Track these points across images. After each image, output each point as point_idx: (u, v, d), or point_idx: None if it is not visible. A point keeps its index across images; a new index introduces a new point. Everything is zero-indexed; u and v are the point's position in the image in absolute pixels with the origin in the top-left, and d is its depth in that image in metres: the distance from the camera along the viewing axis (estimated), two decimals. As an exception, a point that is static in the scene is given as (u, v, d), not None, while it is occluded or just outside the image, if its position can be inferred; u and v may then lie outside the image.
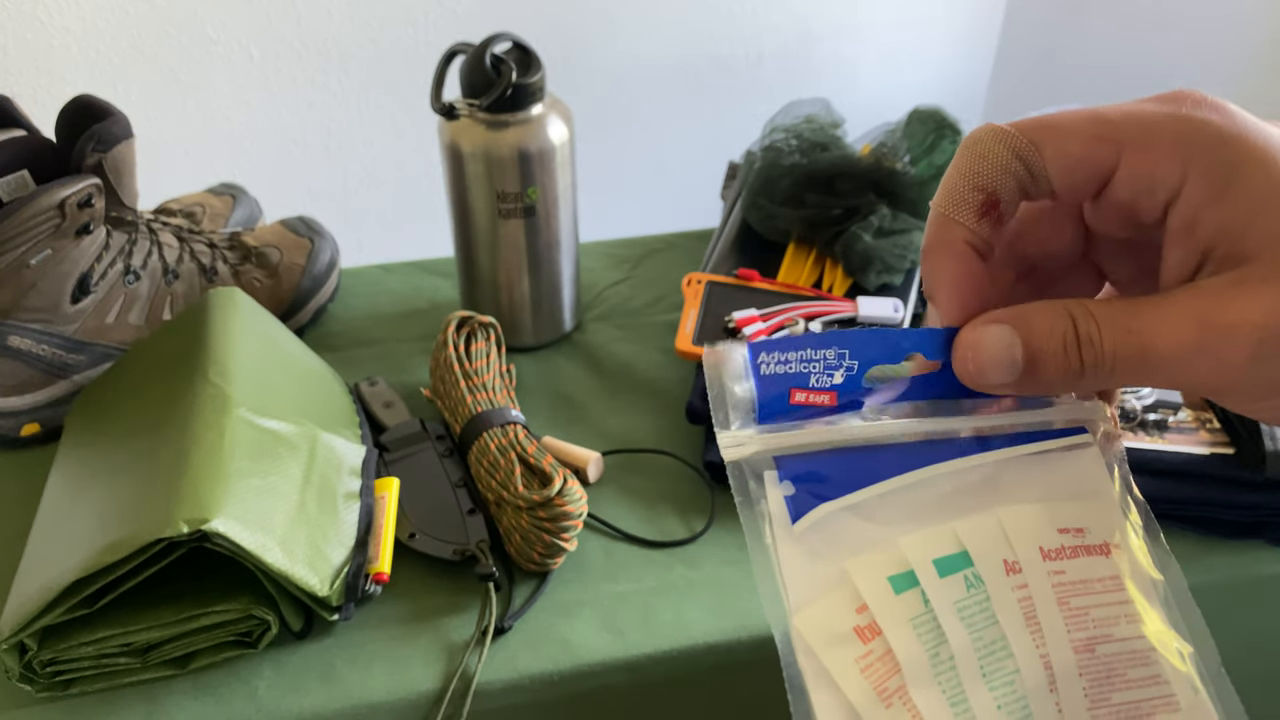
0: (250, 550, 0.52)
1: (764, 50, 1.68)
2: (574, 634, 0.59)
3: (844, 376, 0.29)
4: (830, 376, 0.29)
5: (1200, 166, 0.27)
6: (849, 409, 0.30)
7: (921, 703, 0.27)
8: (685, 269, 0.92)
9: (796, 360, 0.29)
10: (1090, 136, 0.28)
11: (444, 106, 0.74)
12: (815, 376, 0.29)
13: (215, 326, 0.65)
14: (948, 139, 0.86)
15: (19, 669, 0.53)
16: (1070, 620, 0.28)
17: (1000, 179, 0.29)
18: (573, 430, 0.75)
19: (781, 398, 0.29)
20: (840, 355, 0.29)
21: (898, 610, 0.28)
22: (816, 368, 0.29)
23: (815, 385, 0.29)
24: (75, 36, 1.33)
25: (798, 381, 0.29)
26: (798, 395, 0.29)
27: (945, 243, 0.29)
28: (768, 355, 0.29)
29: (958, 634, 0.28)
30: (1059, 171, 0.28)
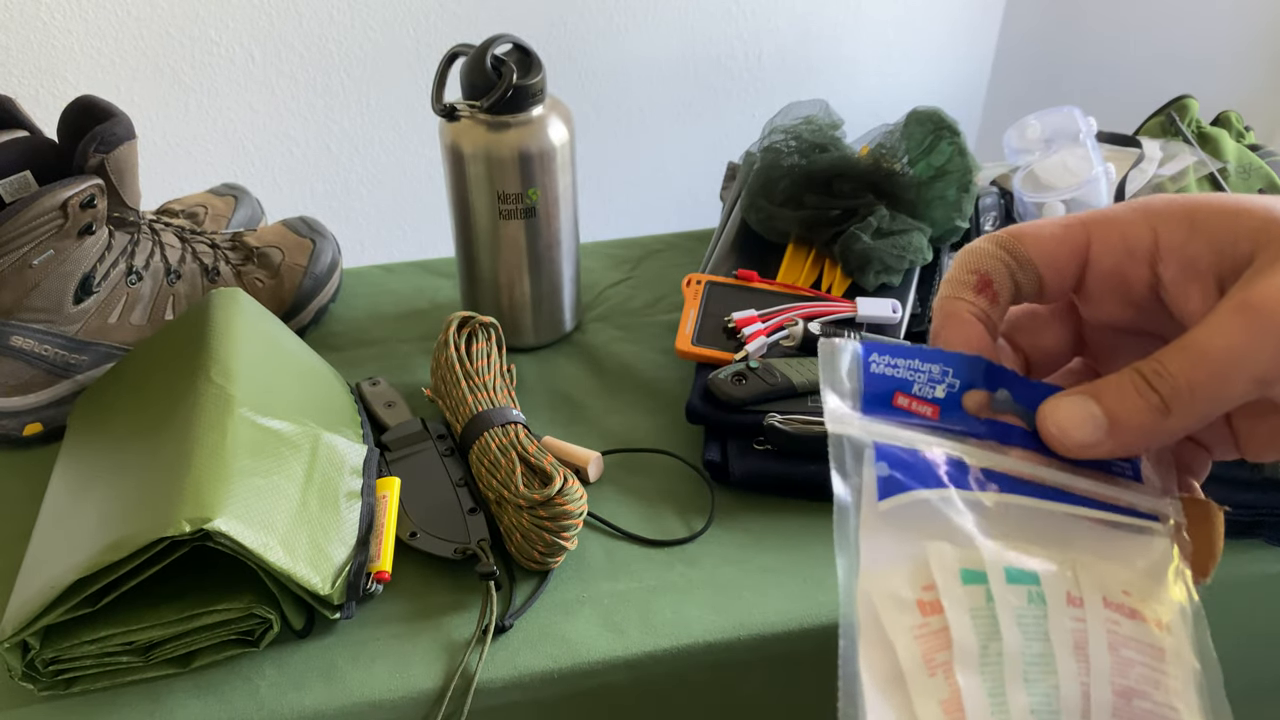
0: (252, 549, 0.53)
1: (763, 51, 1.69)
2: (574, 632, 0.59)
3: (945, 392, 0.31)
4: (933, 389, 0.31)
5: (1163, 219, 0.31)
6: (947, 430, 0.31)
7: (963, 683, 0.28)
8: (685, 269, 0.93)
9: (904, 367, 0.32)
10: (1060, 226, 0.33)
11: (445, 108, 0.75)
12: (919, 385, 0.31)
13: (217, 327, 0.65)
14: (946, 140, 0.86)
15: (21, 668, 0.53)
16: (1116, 666, 0.29)
17: (988, 263, 0.33)
18: (573, 430, 0.75)
19: (886, 396, 0.31)
20: (944, 372, 0.31)
21: (962, 596, 0.29)
22: (921, 378, 0.31)
23: (918, 394, 0.31)
24: (77, 37, 1.34)
25: (902, 386, 0.31)
26: (901, 399, 0.31)
27: (951, 314, 0.33)
28: (879, 356, 0.32)
29: (1012, 635, 0.29)
30: (1038, 255, 0.33)
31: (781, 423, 0.67)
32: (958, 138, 0.86)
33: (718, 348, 0.76)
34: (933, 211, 0.84)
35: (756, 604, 0.61)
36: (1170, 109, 0.94)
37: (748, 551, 0.65)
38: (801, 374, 0.71)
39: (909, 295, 0.82)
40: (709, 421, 0.71)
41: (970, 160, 0.85)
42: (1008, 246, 0.33)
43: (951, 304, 0.33)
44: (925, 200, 0.85)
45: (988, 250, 0.33)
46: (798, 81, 1.73)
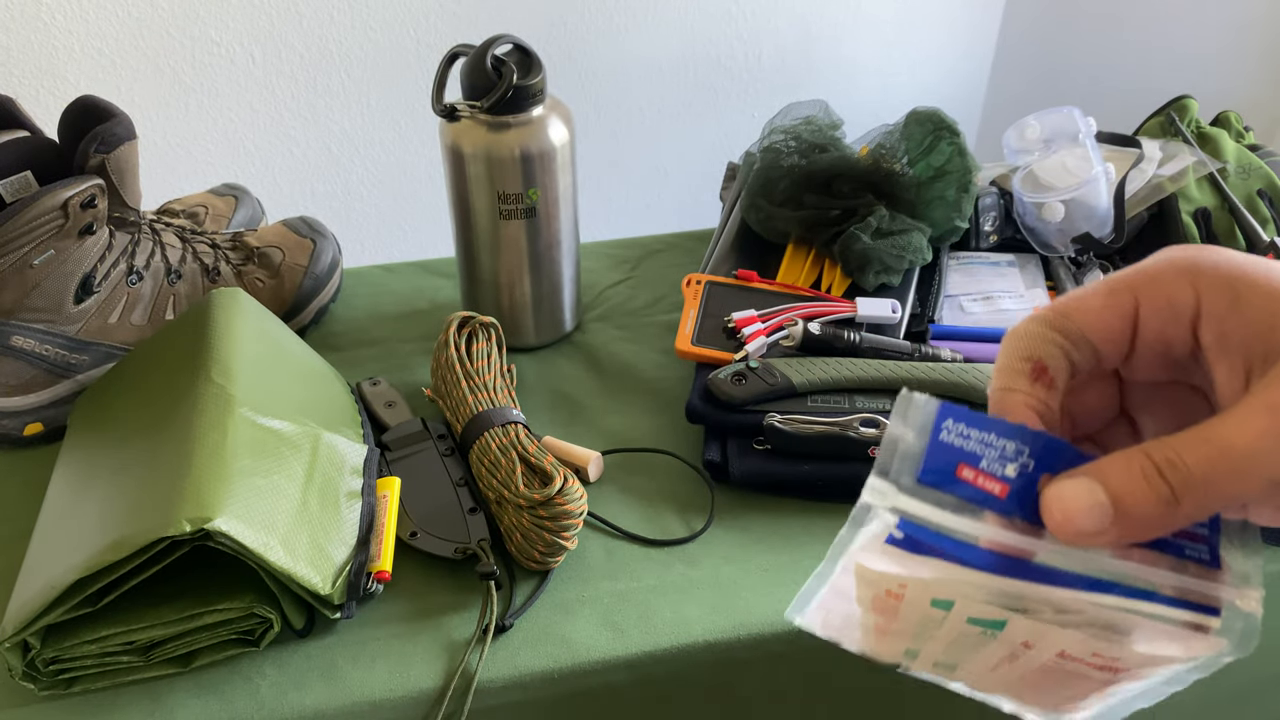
0: (253, 549, 0.53)
1: (763, 52, 1.69)
2: (574, 632, 0.59)
3: (1017, 472, 0.29)
4: (1003, 466, 0.29)
5: (1208, 283, 0.30)
6: (1016, 511, 0.29)
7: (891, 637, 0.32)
8: (685, 269, 0.93)
9: (977, 439, 0.30)
10: (1106, 294, 0.31)
11: (445, 108, 0.75)
12: (988, 461, 0.29)
13: (218, 326, 0.65)
14: (946, 140, 0.86)
15: (22, 667, 0.53)
16: (1044, 668, 0.30)
17: (1041, 348, 0.31)
18: (573, 430, 0.75)
19: (949, 468, 0.29)
20: (1019, 451, 0.29)
21: (923, 607, 0.31)
22: (992, 453, 0.29)
23: (985, 469, 0.29)
24: (78, 38, 1.34)
25: (970, 459, 0.29)
26: (965, 471, 0.29)
27: (1008, 409, 0.31)
28: (954, 423, 0.30)
29: (948, 632, 0.31)
30: (1091, 329, 0.31)
31: (781, 423, 0.67)
32: (957, 138, 0.86)
33: (718, 348, 0.76)
34: (932, 211, 0.84)
35: (756, 603, 0.61)
36: (1170, 109, 0.94)
37: (748, 551, 0.65)
38: (801, 374, 0.71)
39: (908, 295, 0.82)
40: (709, 421, 0.71)
41: (970, 160, 0.85)
42: (1058, 326, 0.31)
43: (1007, 397, 0.31)
44: (925, 200, 0.85)
45: (1038, 333, 0.31)
46: (797, 82, 1.73)
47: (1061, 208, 0.84)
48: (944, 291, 0.84)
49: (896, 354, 0.74)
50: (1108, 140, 0.92)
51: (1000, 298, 0.84)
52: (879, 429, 0.67)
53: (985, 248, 0.90)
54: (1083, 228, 0.85)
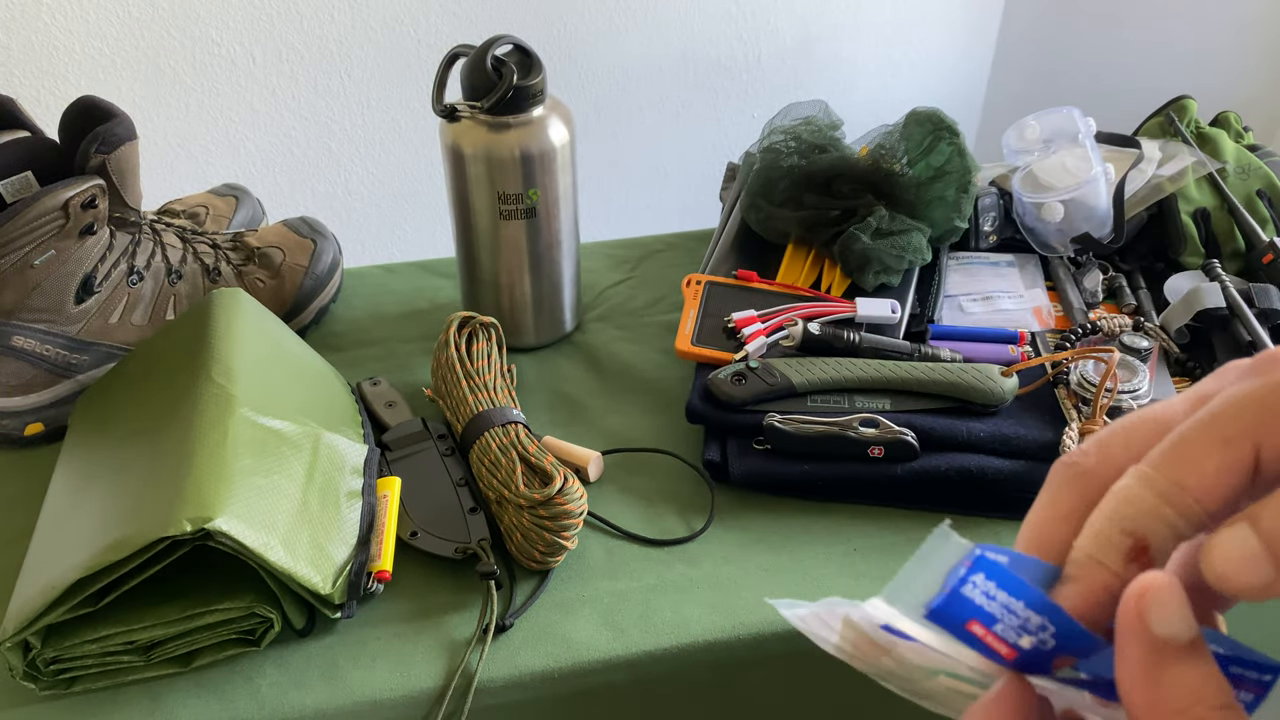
0: (253, 549, 0.53)
1: (762, 52, 1.69)
2: (574, 631, 0.59)
3: (1032, 645, 0.27)
4: (1019, 636, 0.27)
5: None
6: (1025, 668, 0.28)
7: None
8: (685, 270, 0.93)
9: (1001, 602, 0.27)
10: (1220, 447, 0.26)
11: (445, 108, 0.75)
12: (1004, 627, 0.27)
13: (218, 327, 0.66)
14: (945, 140, 0.86)
15: (23, 667, 0.53)
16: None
17: (1150, 524, 0.27)
18: (573, 430, 0.75)
19: (960, 619, 0.27)
20: (1043, 627, 0.27)
21: (908, 669, 0.30)
22: (1012, 621, 0.27)
23: (998, 633, 0.27)
24: (78, 38, 1.34)
25: (985, 619, 0.27)
26: (976, 628, 0.27)
27: (1083, 582, 0.28)
28: (985, 580, 0.27)
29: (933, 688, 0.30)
30: (1207, 496, 0.26)
31: (781, 422, 0.67)
32: (957, 138, 0.86)
33: (718, 348, 0.76)
34: (932, 212, 0.84)
35: (756, 603, 0.61)
36: (1169, 109, 0.94)
37: (747, 551, 0.65)
38: (801, 374, 0.71)
39: (908, 295, 0.82)
40: (709, 421, 0.71)
41: (969, 161, 0.85)
42: (1174, 501, 0.26)
43: (1094, 571, 0.27)
44: (924, 200, 0.85)
45: (1149, 506, 0.26)
46: (797, 82, 1.73)
47: (1061, 208, 0.85)
48: (943, 291, 0.84)
49: (896, 354, 0.74)
50: (1107, 140, 0.92)
51: (1000, 298, 0.84)
52: (879, 429, 0.67)
53: (985, 248, 0.90)
54: (1082, 228, 0.85)
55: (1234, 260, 0.85)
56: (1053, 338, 0.80)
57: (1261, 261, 0.83)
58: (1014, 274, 0.87)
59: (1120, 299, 0.84)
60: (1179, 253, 0.86)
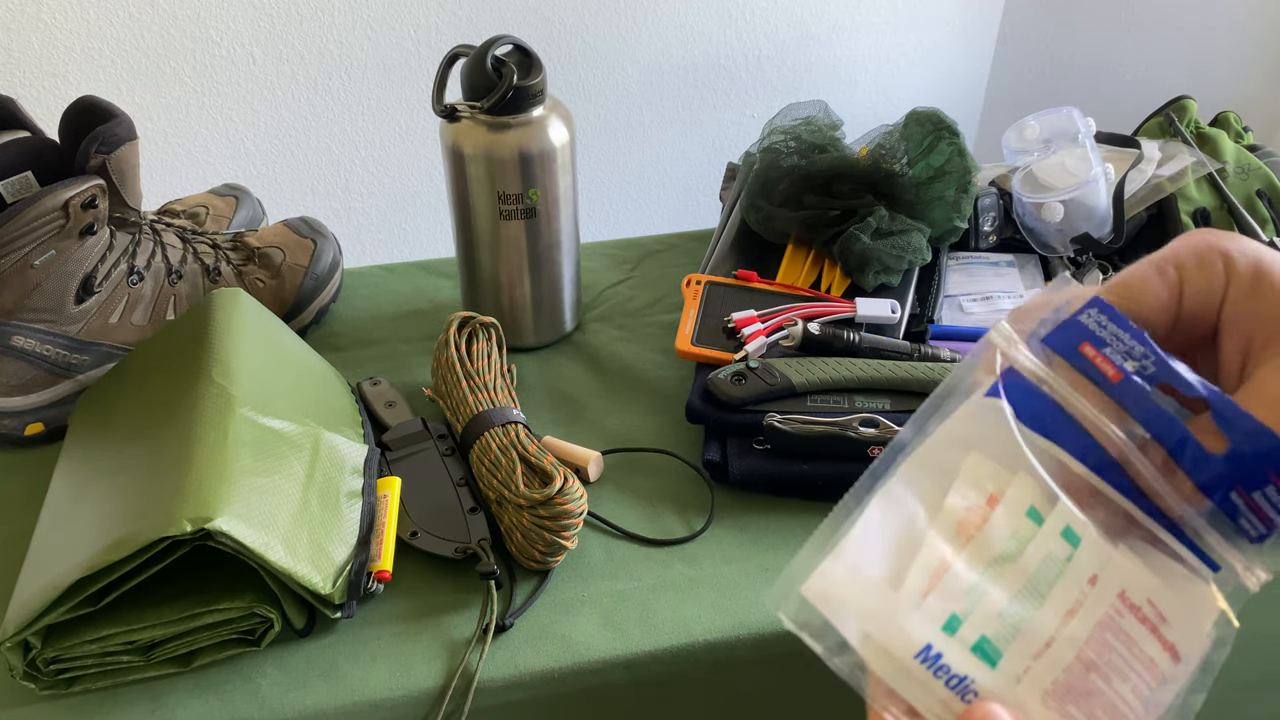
0: (253, 548, 0.53)
1: (762, 52, 1.69)
2: (574, 631, 0.59)
3: (1135, 369, 0.31)
4: (1124, 360, 0.31)
5: (1235, 267, 0.33)
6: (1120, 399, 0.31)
7: (961, 566, 0.31)
8: (685, 270, 0.93)
9: (1111, 330, 0.32)
10: (1155, 270, 0.33)
11: (446, 108, 0.75)
12: (1112, 350, 0.32)
13: (218, 327, 0.66)
14: (945, 140, 0.86)
15: (23, 667, 0.53)
16: (1093, 641, 0.30)
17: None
18: (573, 430, 0.75)
19: (1075, 340, 0.32)
20: (1145, 355, 0.31)
21: (1015, 522, 0.31)
22: (1119, 346, 0.32)
23: (1107, 355, 0.32)
24: (79, 38, 1.34)
25: (1096, 342, 0.32)
26: (1086, 349, 0.32)
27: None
28: (1098, 313, 0.32)
29: (1027, 565, 0.31)
30: (1147, 302, 0.33)
31: (781, 422, 0.67)
32: (957, 138, 0.86)
33: (717, 348, 0.76)
34: (932, 212, 0.84)
35: (756, 603, 0.61)
36: (1169, 110, 0.94)
37: (747, 551, 0.65)
38: (801, 374, 0.71)
39: (908, 295, 0.82)
40: (709, 421, 0.71)
41: (969, 161, 0.85)
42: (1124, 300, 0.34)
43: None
44: (924, 200, 0.85)
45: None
46: (797, 82, 1.73)
47: (1061, 208, 0.85)
48: (943, 292, 0.84)
49: (896, 354, 0.74)
50: (1107, 141, 0.92)
51: (999, 298, 0.84)
52: (879, 429, 0.67)
53: (985, 248, 0.90)
54: (1082, 228, 0.85)
55: (1234, 260, 0.85)
56: (1052, 338, 0.80)
57: (1261, 261, 0.82)
58: (1014, 274, 0.87)
59: (1120, 299, 0.84)
60: (1179, 253, 0.86)
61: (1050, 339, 0.32)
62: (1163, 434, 0.31)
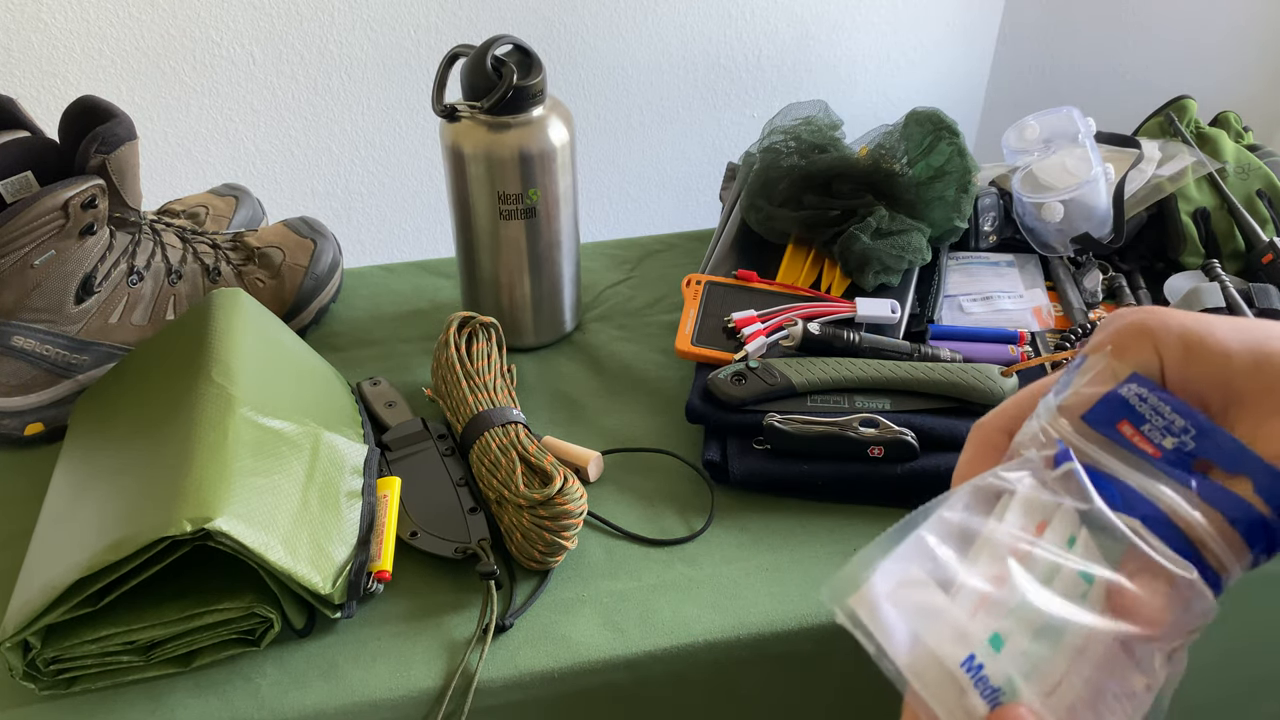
0: (253, 549, 0.53)
1: (762, 52, 1.69)
2: (574, 631, 0.59)
3: (1174, 446, 0.31)
4: (1163, 437, 0.31)
5: (1163, 343, 0.33)
6: (1171, 465, 0.31)
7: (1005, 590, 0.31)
8: (685, 270, 0.93)
9: (1150, 406, 0.32)
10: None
11: (445, 108, 0.75)
12: (1150, 427, 0.31)
13: (218, 327, 0.66)
14: (945, 140, 0.86)
15: (23, 667, 0.53)
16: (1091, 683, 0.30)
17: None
18: (573, 430, 0.75)
19: (1112, 419, 0.32)
20: (1185, 430, 0.31)
21: (1059, 542, 0.31)
22: (1158, 421, 0.31)
23: (1145, 433, 0.32)
24: (79, 38, 1.34)
25: (1134, 419, 0.32)
26: (1125, 428, 0.32)
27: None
28: (1138, 387, 0.32)
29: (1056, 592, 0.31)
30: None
31: (781, 422, 0.67)
32: (957, 138, 0.86)
33: (717, 348, 0.76)
34: (932, 212, 0.84)
35: (756, 603, 0.61)
36: (1169, 109, 0.94)
37: (747, 551, 0.65)
38: (801, 374, 0.71)
39: (908, 295, 0.82)
40: (709, 421, 0.71)
41: (969, 161, 0.85)
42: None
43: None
44: (924, 200, 0.85)
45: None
46: (797, 82, 1.73)
47: (1061, 208, 0.85)
48: (943, 291, 0.84)
49: (896, 354, 0.74)
50: (1107, 140, 0.92)
51: (999, 298, 0.84)
52: (879, 429, 0.67)
53: (985, 248, 0.90)
54: (1082, 228, 0.85)
55: (1234, 260, 0.85)
56: (1053, 338, 0.80)
57: (1261, 261, 0.83)
58: (1014, 274, 0.87)
59: (1120, 299, 0.84)
60: (1179, 253, 0.86)
61: (1089, 416, 0.32)
62: (1230, 512, 0.31)
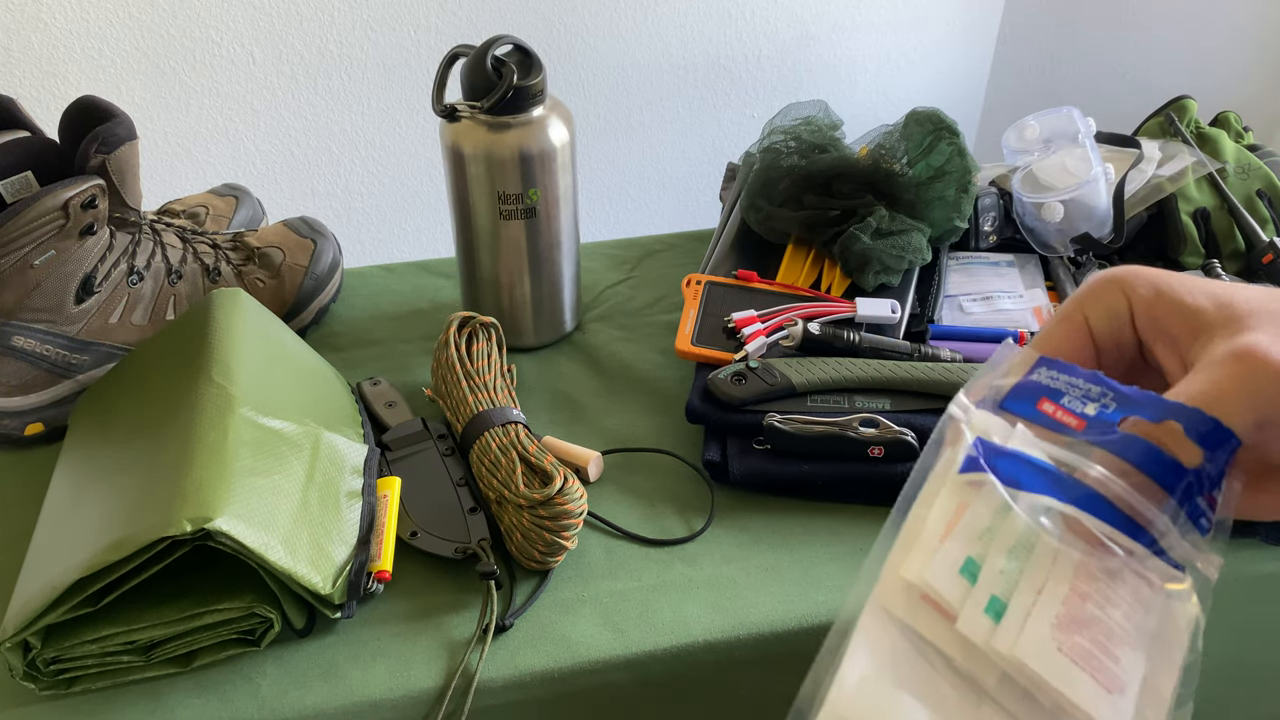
0: (253, 549, 0.53)
1: (762, 52, 1.69)
2: (574, 631, 0.59)
3: (1097, 411, 0.32)
4: (1084, 405, 0.32)
5: (1133, 286, 0.34)
6: (1093, 433, 0.31)
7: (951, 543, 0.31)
8: (685, 270, 0.93)
9: (1064, 381, 0.33)
10: (1061, 320, 0.36)
11: (446, 108, 0.75)
12: (1070, 399, 0.32)
13: (218, 327, 0.66)
14: (945, 140, 0.86)
15: (23, 667, 0.53)
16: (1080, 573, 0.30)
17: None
18: (573, 430, 0.75)
19: (1032, 400, 0.32)
20: (1103, 394, 0.32)
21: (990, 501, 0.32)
22: (1075, 393, 0.32)
23: (1066, 405, 0.32)
24: (79, 38, 1.34)
25: (1052, 395, 0.32)
26: (1045, 405, 0.32)
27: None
28: (1048, 369, 0.33)
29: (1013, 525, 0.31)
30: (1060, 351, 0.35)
31: (781, 422, 0.67)
32: (957, 138, 0.86)
33: (717, 348, 0.76)
34: (932, 212, 0.84)
35: (756, 603, 0.61)
36: (1169, 109, 0.94)
37: (747, 550, 0.65)
38: (801, 374, 0.71)
39: (908, 295, 0.82)
40: (709, 421, 0.71)
41: (969, 161, 0.85)
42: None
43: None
44: (924, 200, 0.85)
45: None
46: (797, 82, 1.73)
47: (1061, 208, 0.85)
48: (943, 291, 0.84)
49: (896, 354, 0.74)
50: (1107, 140, 0.92)
51: (1000, 298, 0.84)
52: (879, 429, 0.67)
53: (985, 248, 0.90)
54: (1082, 228, 0.85)
55: (1234, 260, 0.85)
56: (1053, 338, 0.80)
57: (1261, 261, 0.83)
58: (1014, 274, 0.87)
59: (1120, 299, 0.84)
60: (1179, 253, 0.86)
61: (1008, 403, 0.33)
62: (1135, 457, 0.31)
